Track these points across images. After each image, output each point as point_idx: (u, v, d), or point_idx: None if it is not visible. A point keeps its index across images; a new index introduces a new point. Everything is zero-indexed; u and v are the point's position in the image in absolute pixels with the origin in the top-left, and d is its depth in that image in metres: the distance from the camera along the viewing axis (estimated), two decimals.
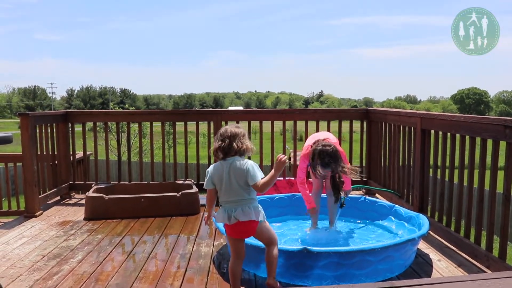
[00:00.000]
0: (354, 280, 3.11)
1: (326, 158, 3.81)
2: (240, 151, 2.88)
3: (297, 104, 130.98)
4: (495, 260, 3.25)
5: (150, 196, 5.17)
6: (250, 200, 2.89)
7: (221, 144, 2.88)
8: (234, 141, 2.87)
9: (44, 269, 3.52)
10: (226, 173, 2.87)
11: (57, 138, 5.92)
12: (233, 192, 2.86)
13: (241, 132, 2.92)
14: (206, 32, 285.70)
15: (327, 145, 3.86)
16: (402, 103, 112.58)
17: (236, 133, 2.89)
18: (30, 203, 5.17)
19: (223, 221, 2.92)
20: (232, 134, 2.88)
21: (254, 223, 2.86)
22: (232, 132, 2.89)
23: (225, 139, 2.88)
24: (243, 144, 2.88)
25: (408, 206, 4.64)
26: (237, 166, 2.85)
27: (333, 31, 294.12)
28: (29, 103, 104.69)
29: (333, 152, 3.83)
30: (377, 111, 6.27)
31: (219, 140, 2.91)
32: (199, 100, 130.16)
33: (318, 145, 3.90)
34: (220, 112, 6.27)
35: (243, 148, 2.88)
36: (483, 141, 3.47)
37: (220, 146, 2.88)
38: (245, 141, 2.91)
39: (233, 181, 2.86)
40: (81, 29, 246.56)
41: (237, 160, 2.88)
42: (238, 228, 2.88)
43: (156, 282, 3.25)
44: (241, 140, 2.89)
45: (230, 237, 2.99)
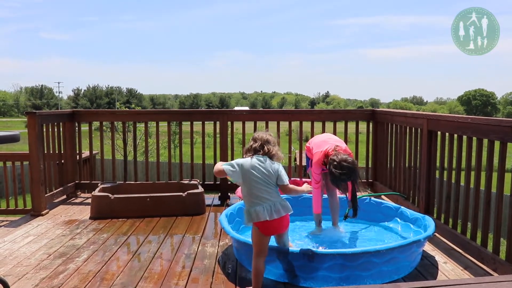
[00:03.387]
0: (359, 282, 3.10)
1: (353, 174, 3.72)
2: (269, 154, 3.04)
3: (303, 104, 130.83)
4: (502, 263, 3.22)
5: (156, 195, 5.18)
6: (278, 193, 3.02)
7: (253, 143, 3.08)
8: (266, 144, 3.06)
9: (50, 268, 3.54)
10: (256, 168, 2.97)
11: (63, 137, 5.95)
12: (264, 188, 2.95)
13: (272, 139, 3.12)
14: (213, 32, 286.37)
15: (348, 159, 3.72)
16: (408, 104, 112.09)
17: (268, 139, 3.09)
18: (36, 201, 5.20)
19: (260, 219, 2.90)
20: (265, 140, 3.08)
21: (288, 215, 3.02)
22: (264, 137, 3.09)
23: (258, 141, 3.08)
24: (273, 150, 3.06)
25: (414, 208, 4.62)
26: (267, 163, 3.00)
27: (339, 31, 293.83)
28: (36, 102, 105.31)
29: (355, 165, 3.79)
30: (383, 112, 6.25)
31: (251, 141, 3.11)
32: (205, 100, 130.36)
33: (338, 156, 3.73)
34: (226, 112, 6.28)
35: (272, 153, 3.05)
36: (491, 142, 3.45)
37: (251, 146, 3.07)
38: (275, 148, 3.09)
39: (263, 177, 2.96)
40: (87, 29, 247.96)
41: (267, 160, 3.02)
42: (278, 222, 2.95)
43: (161, 281, 3.26)
44: (272, 146, 3.07)
45: (263, 235, 2.96)
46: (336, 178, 3.69)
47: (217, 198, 6.04)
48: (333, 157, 3.75)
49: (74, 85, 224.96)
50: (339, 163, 3.67)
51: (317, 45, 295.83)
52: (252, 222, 2.95)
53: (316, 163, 4.00)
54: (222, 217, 3.84)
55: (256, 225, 2.95)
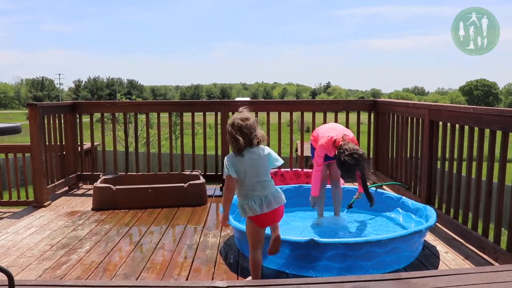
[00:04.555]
0: (361, 272, 3.11)
1: (364, 163, 3.76)
2: (254, 144, 2.81)
3: (304, 95, 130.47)
4: (503, 252, 3.23)
5: (158, 186, 5.20)
6: (272, 183, 2.88)
7: (236, 142, 2.78)
8: (248, 135, 2.78)
9: (53, 259, 3.56)
10: (247, 164, 2.81)
11: (65, 128, 5.95)
12: (257, 179, 2.81)
13: (250, 124, 2.80)
14: (213, 23, 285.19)
15: (360, 149, 3.74)
16: (410, 95, 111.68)
17: (246, 125, 2.78)
18: (38, 193, 5.21)
19: (254, 213, 2.81)
20: (243, 127, 2.78)
21: (283, 206, 2.93)
22: (240, 125, 2.78)
23: (236, 134, 2.77)
24: (257, 137, 2.81)
25: (415, 198, 4.62)
26: (256, 153, 2.82)
27: (340, 21, 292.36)
28: (37, 94, 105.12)
29: (365, 155, 3.81)
30: (384, 102, 6.24)
31: (234, 136, 2.78)
32: (206, 91, 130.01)
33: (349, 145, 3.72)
34: (227, 103, 6.27)
35: (257, 141, 2.81)
36: (492, 132, 3.44)
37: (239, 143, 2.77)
38: (258, 133, 2.82)
39: (255, 170, 2.81)
40: (88, 20, 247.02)
41: (254, 150, 2.82)
42: (272, 214, 2.86)
43: (163, 272, 3.27)
44: (254, 133, 2.80)
45: (258, 227, 2.90)
46: (347, 167, 3.69)
47: (218, 188, 6.05)
48: (344, 146, 3.74)
49: (75, 77, 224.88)
50: (351, 153, 3.67)
51: (319, 35, 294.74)
52: (247, 216, 2.89)
53: (321, 146, 3.98)
54: None
55: (251, 218, 2.87)
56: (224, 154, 6.08)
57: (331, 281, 2.28)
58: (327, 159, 4.09)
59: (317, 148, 4.03)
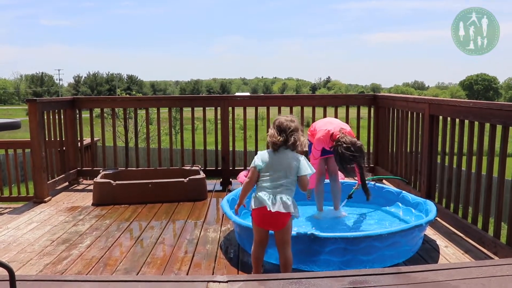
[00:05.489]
0: (361, 266, 3.12)
1: (362, 157, 3.77)
2: (294, 146, 2.90)
3: (304, 90, 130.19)
4: (503, 246, 3.24)
5: (158, 181, 5.20)
6: (292, 191, 2.87)
7: (279, 139, 2.88)
8: (291, 135, 2.88)
9: (53, 254, 3.56)
10: (276, 162, 2.87)
11: (64, 124, 5.95)
12: (278, 180, 2.84)
13: (296, 126, 2.93)
14: (213, 18, 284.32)
15: (358, 142, 3.75)
16: (409, 89, 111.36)
17: (291, 127, 2.89)
18: (39, 188, 5.22)
19: (261, 205, 2.80)
20: (290, 130, 2.89)
21: (288, 216, 2.82)
22: (288, 126, 2.90)
23: (282, 133, 2.88)
24: (298, 139, 2.91)
25: (415, 192, 4.63)
26: (289, 156, 2.88)
27: (340, 16, 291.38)
28: (36, 90, 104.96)
29: (364, 148, 3.81)
30: (385, 96, 6.23)
31: (276, 133, 2.90)
32: (206, 86, 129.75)
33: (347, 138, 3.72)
34: (227, 98, 6.26)
35: (297, 144, 2.91)
36: (492, 127, 3.44)
37: (276, 140, 2.88)
38: (300, 136, 2.93)
39: (282, 169, 2.85)
40: (86, 15, 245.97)
41: (289, 152, 2.90)
42: (271, 217, 2.80)
43: (164, 267, 3.28)
44: (297, 135, 2.91)
45: (257, 226, 2.91)
46: (346, 160, 3.70)
47: (218, 183, 6.06)
48: (342, 139, 3.74)
49: (74, 72, 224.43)
50: (349, 146, 3.67)
51: (318, 30, 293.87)
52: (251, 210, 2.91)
53: (318, 139, 3.99)
54: (224, 202, 3.86)
55: (252, 214, 2.90)
56: (224, 149, 6.08)
57: (331, 275, 2.28)
58: (324, 153, 4.09)
59: (314, 142, 4.04)
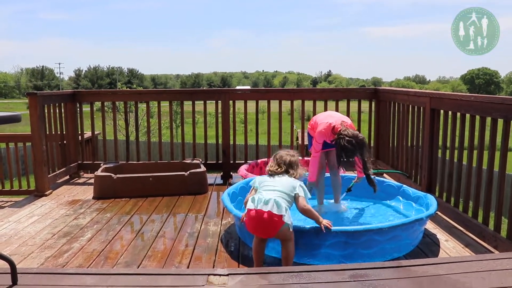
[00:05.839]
0: (361, 260, 3.12)
1: (365, 149, 3.79)
2: (291, 174, 3.11)
3: (305, 83, 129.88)
4: (503, 240, 3.24)
5: (158, 175, 5.20)
6: (289, 202, 2.93)
7: (277, 169, 3.11)
8: (290, 168, 3.11)
9: (54, 247, 3.57)
10: (273, 181, 3.03)
11: (65, 118, 5.95)
12: (276, 188, 2.95)
13: (296, 160, 3.16)
14: (213, 11, 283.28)
15: (360, 135, 3.76)
16: (411, 83, 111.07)
17: (291, 162, 3.13)
18: (40, 182, 5.22)
19: (249, 207, 2.88)
20: (289, 163, 3.12)
21: (280, 221, 2.80)
22: (288, 160, 3.13)
23: (282, 165, 3.11)
24: (296, 172, 3.12)
25: (416, 186, 4.63)
26: (287, 178, 3.07)
27: (341, 9, 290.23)
28: (37, 84, 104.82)
29: (366, 141, 3.84)
30: (385, 90, 6.22)
31: (276, 165, 3.13)
32: (207, 80, 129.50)
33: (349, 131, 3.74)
34: (228, 91, 6.25)
35: (294, 175, 3.10)
36: (494, 121, 3.43)
37: (275, 169, 3.11)
38: (299, 170, 3.15)
39: (279, 185, 2.98)
40: (87, 8, 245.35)
41: (287, 177, 3.08)
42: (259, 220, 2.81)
43: (164, 260, 3.29)
44: (296, 170, 3.13)
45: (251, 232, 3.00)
46: (348, 152, 3.69)
47: (219, 177, 6.06)
48: (344, 132, 3.74)
49: (75, 66, 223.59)
50: (351, 139, 3.67)
51: (319, 23, 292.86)
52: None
53: (320, 132, 3.97)
54: (224, 196, 3.85)
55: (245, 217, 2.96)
56: (224, 142, 6.08)
57: (332, 269, 2.29)
58: (325, 146, 4.08)
59: (316, 135, 4.03)
